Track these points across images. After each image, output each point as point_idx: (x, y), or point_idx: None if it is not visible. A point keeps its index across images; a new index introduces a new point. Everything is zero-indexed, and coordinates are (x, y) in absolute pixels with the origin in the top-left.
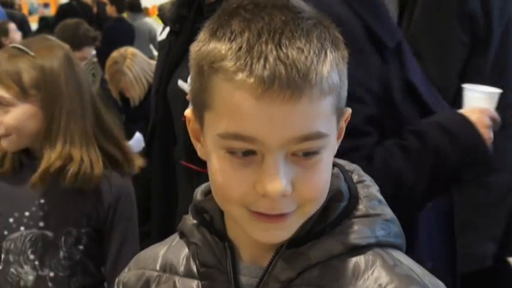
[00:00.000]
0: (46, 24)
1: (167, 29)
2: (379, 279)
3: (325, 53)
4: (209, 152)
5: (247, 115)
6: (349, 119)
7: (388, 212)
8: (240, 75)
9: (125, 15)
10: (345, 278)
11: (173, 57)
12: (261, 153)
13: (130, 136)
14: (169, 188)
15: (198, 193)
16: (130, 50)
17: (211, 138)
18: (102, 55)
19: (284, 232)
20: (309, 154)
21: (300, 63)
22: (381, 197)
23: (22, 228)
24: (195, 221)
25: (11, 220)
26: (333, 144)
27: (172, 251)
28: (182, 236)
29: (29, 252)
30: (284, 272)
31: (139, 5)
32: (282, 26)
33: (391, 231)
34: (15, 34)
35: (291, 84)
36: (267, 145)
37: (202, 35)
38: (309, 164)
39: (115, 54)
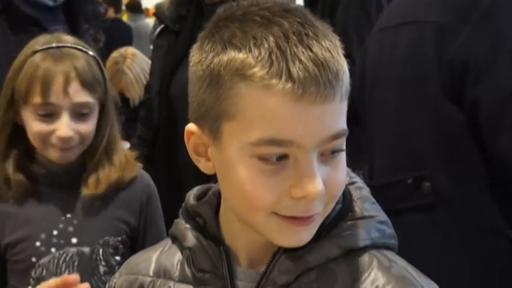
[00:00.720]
0: None
1: (159, 28)
2: (376, 280)
3: (338, 49)
4: (231, 163)
5: (284, 119)
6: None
7: (381, 214)
8: (275, 80)
9: (125, 16)
10: (342, 281)
11: (174, 57)
12: (294, 156)
13: (129, 137)
14: (174, 190)
15: (191, 197)
16: (130, 50)
17: (237, 148)
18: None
19: (310, 233)
20: (335, 152)
21: (331, 63)
22: (373, 198)
23: (53, 249)
24: (187, 225)
25: (37, 244)
26: (344, 141)
27: (165, 255)
28: (174, 240)
29: (66, 274)
30: (282, 276)
31: (139, 5)
32: (300, 27)
33: (385, 233)
34: None
35: (327, 84)
36: (303, 147)
37: (209, 46)
38: (335, 162)
39: (115, 54)
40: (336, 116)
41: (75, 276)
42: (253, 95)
